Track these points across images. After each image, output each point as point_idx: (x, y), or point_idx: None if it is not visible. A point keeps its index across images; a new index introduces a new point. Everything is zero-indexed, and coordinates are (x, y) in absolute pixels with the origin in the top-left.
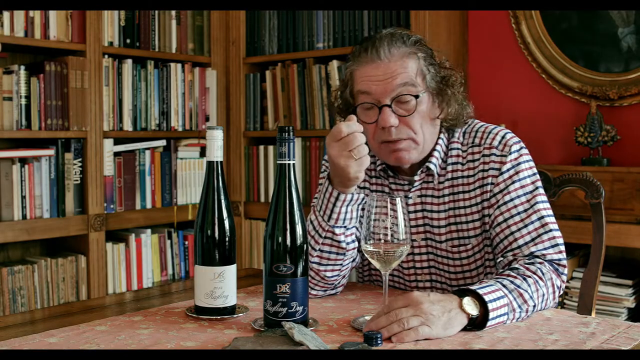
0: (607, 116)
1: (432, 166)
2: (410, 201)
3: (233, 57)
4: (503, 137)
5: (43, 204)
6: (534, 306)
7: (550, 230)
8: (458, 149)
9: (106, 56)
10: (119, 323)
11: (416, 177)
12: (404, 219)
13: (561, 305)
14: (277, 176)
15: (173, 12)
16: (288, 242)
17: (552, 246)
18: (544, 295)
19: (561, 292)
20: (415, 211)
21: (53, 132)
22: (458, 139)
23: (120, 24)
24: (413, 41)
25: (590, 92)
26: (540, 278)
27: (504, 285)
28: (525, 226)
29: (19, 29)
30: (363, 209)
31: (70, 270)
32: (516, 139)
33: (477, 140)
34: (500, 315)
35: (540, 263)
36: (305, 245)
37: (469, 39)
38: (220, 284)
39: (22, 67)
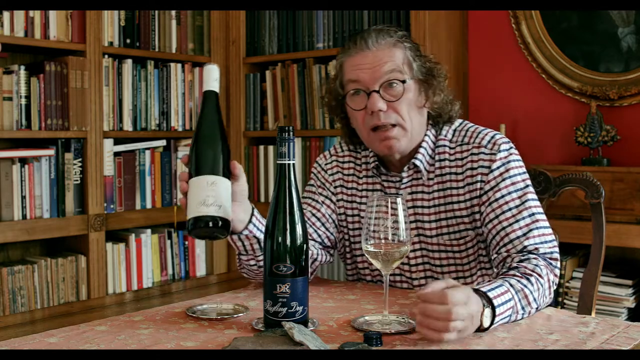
0: (607, 116)
1: (418, 162)
2: None
3: (233, 57)
4: (492, 137)
5: (43, 204)
6: (537, 308)
7: (542, 227)
8: (446, 145)
9: (106, 56)
10: (119, 323)
11: (404, 174)
12: (405, 219)
13: (561, 305)
14: (277, 176)
15: (173, 12)
16: (288, 242)
17: (544, 241)
18: (543, 293)
19: (555, 286)
20: (407, 208)
21: (53, 132)
22: (446, 136)
23: (120, 24)
24: (399, 35)
25: (590, 92)
26: (540, 276)
27: (511, 285)
28: (517, 221)
29: (19, 29)
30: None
31: (70, 270)
32: (506, 139)
33: (466, 139)
34: (503, 318)
35: (535, 259)
36: (305, 245)
37: (469, 39)
38: (212, 192)
39: (22, 67)
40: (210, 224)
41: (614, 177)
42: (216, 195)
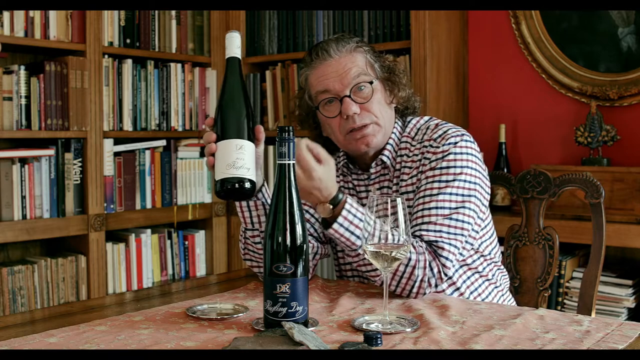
0: (607, 116)
1: (385, 158)
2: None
3: None
4: (445, 132)
5: (43, 204)
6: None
7: (445, 222)
8: (408, 142)
9: (106, 56)
10: (119, 323)
11: (372, 170)
12: (405, 219)
13: (561, 305)
14: (277, 176)
15: (173, 12)
16: (288, 242)
17: (436, 230)
18: (409, 258)
19: (442, 275)
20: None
21: (53, 132)
22: (409, 133)
23: (120, 24)
24: (356, 40)
25: (590, 92)
26: (412, 244)
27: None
28: (422, 210)
29: (19, 29)
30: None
31: (70, 270)
32: (459, 132)
33: (425, 137)
34: (348, 225)
35: (420, 241)
36: (305, 245)
37: (469, 39)
38: (241, 155)
39: (22, 67)
40: (239, 185)
41: (614, 177)
42: (244, 158)
